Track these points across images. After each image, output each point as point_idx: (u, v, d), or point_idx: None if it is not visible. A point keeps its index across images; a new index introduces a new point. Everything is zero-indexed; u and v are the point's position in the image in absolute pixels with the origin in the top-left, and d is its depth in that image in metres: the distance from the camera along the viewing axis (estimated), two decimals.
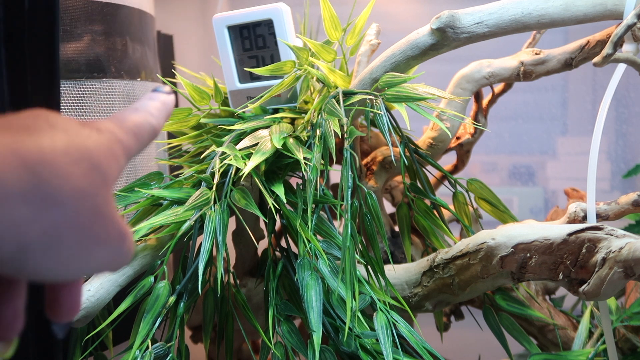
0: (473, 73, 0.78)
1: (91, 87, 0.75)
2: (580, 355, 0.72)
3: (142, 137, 0.34)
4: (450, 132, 0.79)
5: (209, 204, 0.64)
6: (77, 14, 0.73)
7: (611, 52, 0.65)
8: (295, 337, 0.64)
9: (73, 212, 0.27)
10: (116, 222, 0.30)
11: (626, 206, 0.68)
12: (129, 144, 0.33)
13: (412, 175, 0.74)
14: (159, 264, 0.67)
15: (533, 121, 1.32)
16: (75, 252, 0.28)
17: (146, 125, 0.35)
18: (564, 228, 0.61)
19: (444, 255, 0.68)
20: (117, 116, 0.34)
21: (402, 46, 0.69)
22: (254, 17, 0.73)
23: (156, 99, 0.37)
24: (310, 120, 0.67)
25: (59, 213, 0.26)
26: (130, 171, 0.80)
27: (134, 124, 0.34)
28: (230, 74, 0.76)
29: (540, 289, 0.81)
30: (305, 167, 0.63)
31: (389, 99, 0.66)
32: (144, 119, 0.35)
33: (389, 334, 0.60)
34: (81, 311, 0.60)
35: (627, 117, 1.26)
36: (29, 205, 0.26)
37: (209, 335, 0.68)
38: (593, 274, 0.59)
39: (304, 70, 0.70)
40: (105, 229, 0.29)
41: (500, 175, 1.34)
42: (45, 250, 0.26)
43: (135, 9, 0.81)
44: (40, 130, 0.27)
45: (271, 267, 0.68)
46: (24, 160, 0.26)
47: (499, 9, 0.66)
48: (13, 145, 0.26)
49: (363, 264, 0.66)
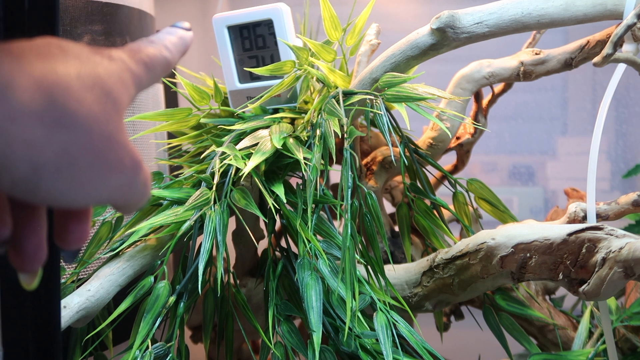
0: (473, 73, 0.78)
1: None
2: (580, 355, 0.72)
3: (155, 69, 0.34)
4: (450, 132, 0.79)
5: (209, 204, 0.64)
6: (77, 14, 0.73)
7: (611, 52, 0.65)
8: (295, 337, 0.64)
9: (86, 135, 0.27)
10: (130, 151, 0.30)
11: (626, 206, 0.68)
12: (140, 74, 0.32)
13: (412, 175, 0.74)
14: (159, 264, 0.67)
15: (533, 121, 1.32)
16: (89, 176, 0.28)
17: (160, 57, 0.34)
18: (564, 228, 0.61)
19: (444, 255, 0.68)
20: (131, 46, 0.33)
21: (402, 46, 0.69)
22: (254, 17, 0.73)
23: (173, 34, 0.36)
24: (310, 120, 0.67)
25: (72, 135, 0.26)
26: None
27: (147, 56, 0.33)
28: (230, 74, 0.76)
29: (540, 289, 0.81)
30: (305, 167, 0.63)
31: (389, 99, 0.66)
32: (158, 52, 0.34)
33: (389, 334, 0.60)
34: (81, 311, 0.60)
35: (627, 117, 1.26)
36: (43, 126, 0.26)
37: (209, 335, 0.68)
38: (593, 274, 0.59)
39: (304, 70, 0.70)
40: (118, 156, 0.29)
41: (500, 175, 1.34)
42: (58, 172, 0.26)
43: (135, 9, 0.81)
44: (53, 55, 0.27)
45: (271, 267, 0.68)
46: (38, 83, 0.26)
47: (499, 9, 0.66)
48: (27, 68, 0.26)
49: (363, 264, 0.66)
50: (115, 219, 0.71)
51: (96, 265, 0.69)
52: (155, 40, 0.35)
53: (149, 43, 0.34)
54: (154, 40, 0.35)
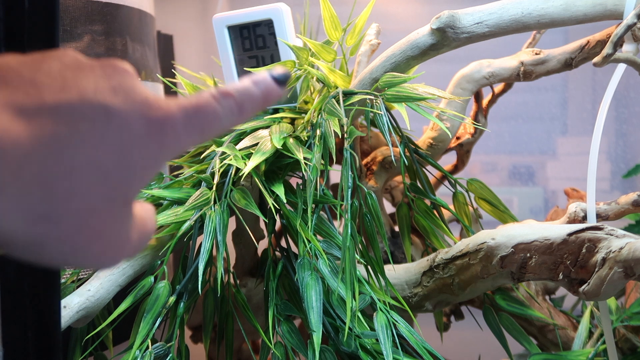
0: (473, 73, 0.78)
1: None
2: (580, 355, 0.72)
3: (210, 133, 0.29)
4: (450, 132, 0.79)
5: (209, 204, 0.64)
6: (77, 14, 0.73)
7: (611, 52, 0.65)
8: (295, 337, 0.64)
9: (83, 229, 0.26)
10: (131, 238, 0.29)
11: (626, 206, 0.68)
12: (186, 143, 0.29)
13: (412, 175, 0.74)
14: (159, 264, 0.67)
15: (533, 121, 1.32)
16: (84, 254, 0.27)
17: (220, 123, 0.29)
18: (564, 228, 0.61)
19: (444, 255, 0.68)
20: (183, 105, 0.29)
21: (402, 46, 0.69)
22: (254, 17, 0.73)
23: (260, 88, 0.31)
24: (310, 120, 0.67)
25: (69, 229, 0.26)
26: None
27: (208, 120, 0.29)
28: (230, 74, 0.76)
29: (540, 289, 0.81)
30: (305, 167, 0.63)
31: (389, 99, 0.66)
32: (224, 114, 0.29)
33: (389, 334, 0.60)
34: (81, 311, 0.61)
35: (627, 117, 1.26)
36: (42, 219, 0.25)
37: (209, 335, 0.68)
38: (593, 274, 0.59)
39: (304, 70, 0.70)
40: (118, 242, 0.28)
41: (500, 175, 1.34)
42: (59, 250, 0.26)
43: (135, 9, 0.81)
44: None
45: (271, 267, 0.68)
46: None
47: (499, 9, 0.66)
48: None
49: (363, 264, 0.66)
50: None
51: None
52: (236, 94, 0.30)
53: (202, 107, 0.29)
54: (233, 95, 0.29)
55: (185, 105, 0.28)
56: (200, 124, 0.29)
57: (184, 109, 0.28)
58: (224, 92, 0.30)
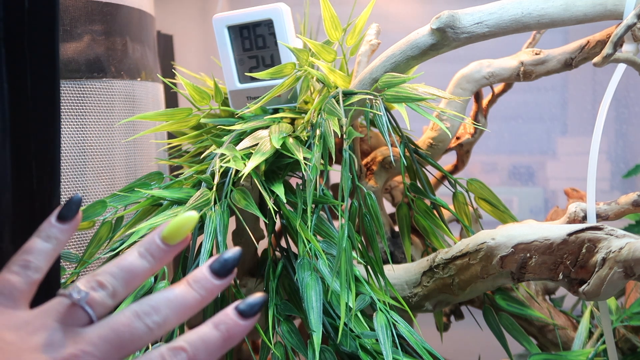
0: (473, 73, 0.78)
1: (91, 87, 0.75)
2: (580, 355, 0.72)
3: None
4: (450, 132, 0.79)
5: (209, 205, 0.64)
6: (77, 14, 0.73)
7: (611, 52, 0.65)
8: (295, 337, 0.64)
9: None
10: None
11: (626, 206, 0.68)
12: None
13: (412, 175, 0.74)
14: None
15: (533, 121, 1.32)
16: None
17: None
18: (564, 228, 0.61)
19: (444, 255, 0.68)
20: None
21: (402, 46, 0.69)
22: (254, 17, 0.73)
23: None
24: (310, 120, 0.67)
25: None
26: (130, 171, 0.80)
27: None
28: (230, 74, 0.76)
29: (540, 289, 0.81)
30: (305, 167, 0.63)
31: (389, 99, 0.66)
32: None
33: (388, 334, 0.60)
34: None
35: (627, 117, 1.26)
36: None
37: None
38: (593, 274, 0.59)
39: (304, 70, 0.70)
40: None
41: (500, 175, 1.34)
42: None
43: (135, 9, 0.81)
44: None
45: (271, 267, 0.68)
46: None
47: (499, 9, 0.67)
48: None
49: (363, 264, 0.67)
50: (115, 219, 0.71)
51: (96, 265, 0.69)
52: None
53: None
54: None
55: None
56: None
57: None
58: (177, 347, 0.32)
